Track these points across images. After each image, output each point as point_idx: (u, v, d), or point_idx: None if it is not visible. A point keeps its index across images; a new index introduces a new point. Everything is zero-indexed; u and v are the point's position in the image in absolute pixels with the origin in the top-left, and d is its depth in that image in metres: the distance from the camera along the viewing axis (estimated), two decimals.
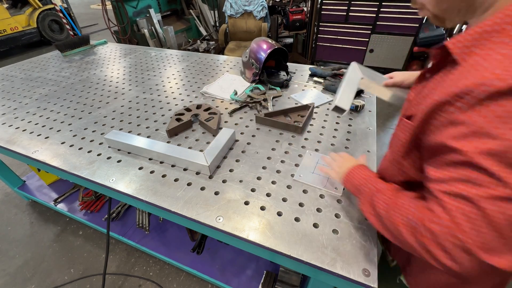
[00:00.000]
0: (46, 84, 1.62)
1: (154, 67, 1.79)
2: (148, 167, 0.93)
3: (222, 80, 1.54)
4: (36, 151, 1.05)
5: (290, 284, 1.20)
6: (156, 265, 1.58)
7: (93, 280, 1.51)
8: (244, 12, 3.26)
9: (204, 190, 0.83)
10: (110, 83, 1.58)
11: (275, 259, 0.75)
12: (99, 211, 1.72)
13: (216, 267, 1.38)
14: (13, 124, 1.23)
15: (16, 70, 1.85)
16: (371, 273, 0.60)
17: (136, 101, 1.37)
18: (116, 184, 0.87)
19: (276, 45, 1.39)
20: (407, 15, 3.06)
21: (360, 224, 0.71)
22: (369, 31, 3.34)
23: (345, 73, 0.88)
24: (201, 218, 0.74)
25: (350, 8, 3.28)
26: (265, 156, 0.96)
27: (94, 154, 1.01)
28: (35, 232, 1.81)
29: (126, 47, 2.19)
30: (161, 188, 0.85)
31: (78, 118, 1.24)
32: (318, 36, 3.68)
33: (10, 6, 5.28)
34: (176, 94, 1.42)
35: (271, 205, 0.78)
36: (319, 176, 0.86)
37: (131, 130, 1.14)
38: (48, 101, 1.41)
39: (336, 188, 0.82)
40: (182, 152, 0.91)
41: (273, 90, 1.41)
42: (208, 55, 1.96)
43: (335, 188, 0.82)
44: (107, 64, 1.86)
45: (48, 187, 1.91)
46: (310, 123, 1.14)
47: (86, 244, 1.71)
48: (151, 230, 1.56)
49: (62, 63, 1.93)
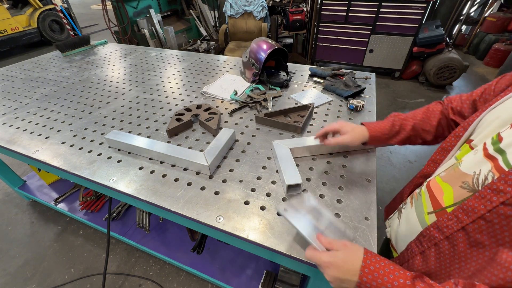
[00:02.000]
0: (47, 84, 1.62)
1: (154, 67, 1.79)
2: (148, 167, 0.93)
3: (222, 80, 1.54)
4: (37, 151, 1.05)
5: (290, 284, 1.20)
6: (156, 265, 1.58)
7: (93, 279, 1.52)
8: (244, 12, 3.27)
9: (204, 190, 0.84)
10: (111, 83, 1.58)
11: (275, 259, 0.75)
12: (99, 211, 1.72)
13: (216, 266, 1.38)
14: (14, 124, 1.23)
15: (17, 70, 1.85)
16: None
17: (136, 101, 1.37)
18: (117, 184, 0.87)
19: (276, 45, 1.39)
20: (406, 16, 3.07)
21: (360, 224, 0.71)
22: (368, 31, 3.34)
23: (275, 156, 0.90)
24: (201, 218, 0.75)
25: (350, 9, 3.29)
26: (265, 156, 0.97)
27: (94, 154, 1.01)
28: (35, 231, 1.81)
29: (126, 47, 2.19)
30: (161, 188, 0.85)
31: (78, 118, 1.25)
32: (318, 36, 3.69)
33: (10, 6, 5.29)
34: (176, 94, 1.43)
35: (271, 205, 0.78)
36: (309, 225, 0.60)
37: (132, 130, 1.14)
38: (49, 101, 1.41)
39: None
40: (182, 152, 0.92)
41: (273, 90, 1.42)
42: (208, 55, 1.97)
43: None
44: (108, 64, 1.87)
45: (48, 187, 1.92)
46: (310, 123, 1.15)
47: (86, 244, 1.71)
48: (151, 230, 1.56)
49: (62, 63, 1.93)
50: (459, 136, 0.58)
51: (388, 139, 0.77)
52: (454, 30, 4.37)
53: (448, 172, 0.53)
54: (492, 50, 3.93)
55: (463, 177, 0.47)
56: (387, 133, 0.76)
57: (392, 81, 3.68)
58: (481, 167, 0.44)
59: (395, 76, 3.66)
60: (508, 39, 3.87)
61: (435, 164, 0.66)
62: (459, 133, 0.58)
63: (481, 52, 4.22)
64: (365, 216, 0.73)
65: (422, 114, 0.75)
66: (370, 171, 0.88)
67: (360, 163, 0.91)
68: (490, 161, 0.43)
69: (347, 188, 0.82)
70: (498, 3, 4.40)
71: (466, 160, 0.49)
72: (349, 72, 1.48)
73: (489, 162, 0.43)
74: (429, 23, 3.22)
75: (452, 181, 0.50)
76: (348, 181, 0.85)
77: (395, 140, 0.76)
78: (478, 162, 0.45)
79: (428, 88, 3.47)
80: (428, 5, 2.94)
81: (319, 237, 0.55)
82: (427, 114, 0.74)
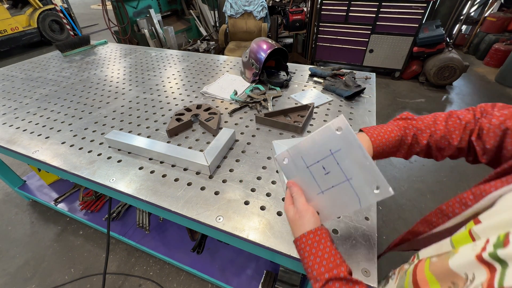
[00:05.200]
0: (47, 84, 1.62)
1: (154, 67, 1.79)
2: (148, 167, 0.93)
3: (222, 80, 1.54)
4: (37, 151, 1.05)
5: (290, 284, 1.20)
6: (156, 265, 1.58)
7: (93, 279, 1.52)
8: (244, 12, 3.27)
9: (204, 190, 0.84)
10: (111, 83, 1.58)
11: (275, 259, 0.75)
12: (99, 211, 1.72)
13: (216, 266, 1.38)
14: (14, 124, 1.23)
15: (17, 70, 1.85)
16: (371, 273, 0.60)
17: (136, 101, 1.37)
18: (117, 184, 0.87)
19: (276, 45, 1.39)
20: (407, 15, 3.07)
21: (360, 224, 0.71)
22: (368, 31, 3.34)
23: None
24: (201, 218, 0.74)
25: (350, 8, 3.29)
26: (265, 156, 0.97)
27: (94, 154, 1.01)
28: (35, 231, 1.81)
29: (126, 47, 2.19)
30: (161, 188, 0.85)
31: (78, 118, 1.25)
32: (318, 36, 3.69)
33: (10, 6, 5.30)
34: (176, 94, 1.43)
35: (271, 205, 0.78)
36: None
37: (131, 130, 1.14)
38: (49, 101, 1.41)
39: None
40: (182, 152, 0.92)
41: (273, 90, 1.42)
42: (208, 55, 1.97)
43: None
44: (108, 64, 1.87)
45: (48, 187, 1.92)
46: (310, 123, 1.15)
47: (86, 244, 1.71)
48: (151, 230, 1.56)
49: (62, 63, 1.93)
50: (467, 205, 0.44)
51: (394, 152, 0.60)
52: (454, 30, 4.37)
53: (440, 261, 0.40)
54: (492, 50, 3.93)
55: (453, 276, 0.37)
56: (396, 146, 0.58)
57: (392, 81, 3.68)
58: (475, 272, 0.33)
59: (395, 76, 3.66)
60: (508, 39, 3.87)
61: (429, 226, 0.54)
62: (466, 202, 0.45)
63: (481, 52, 4.22)
64: (365, 216, 0.73)
65: (444, 127, 0.55)
66: None
67: None
68: (487, 269, 0.32)
69: None
70: (498, 3, 4.40)
71: (461, 254, 0.37)
72: (349, 72, 1.48)
73: (485, 270, 0.32)
74: (429, 23, 3.22)
75: (440, 277, 0.40)
76: None
77: (402, 153, 0.60)
78: (473, 264, 0.34)
79: (428, 88, 3.47)
80: (428, 5, 2.94)
81: (290, 185, 0.53)
82: (449, 127, 0.55)
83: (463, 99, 3.24)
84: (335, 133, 0.46)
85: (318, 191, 0.48)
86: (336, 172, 0.46)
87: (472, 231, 0.38)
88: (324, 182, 0.47)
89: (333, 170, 0.46)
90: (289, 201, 0.53)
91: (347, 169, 0.45)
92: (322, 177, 0.47)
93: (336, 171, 0.46)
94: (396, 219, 1.82)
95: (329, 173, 0.47)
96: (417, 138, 0.57)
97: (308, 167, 0.48)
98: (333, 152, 0.46)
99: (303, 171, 0.48)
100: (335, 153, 0.46)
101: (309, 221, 0.49)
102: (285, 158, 0.48)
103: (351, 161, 0.45)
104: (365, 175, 0.45)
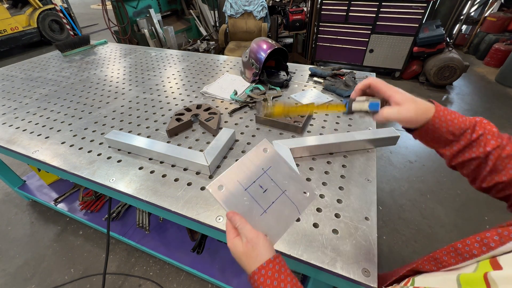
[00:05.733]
0: (46, 84, 1.62)
1: (154, 67, 1.79)
2: (148, 167, 0.93)
3: (222, 80, 1.54)
4: (36, 151, 1.05)
5: None
6: (156, 265, 1.58)
7: (93, 280, 1.52)
8: (244, 12, 3.27)
9: (204, 190, 0.83)
10: (110, 83, 1.58)
11: None
12: (99, 211, 1.72)
13: (216, 267, 1.38)
14: (13, 124, 1.23)
15: (17, 70, 1.85)
16: (371, 273, 0.60)
17: (136, 101, 1.37)
18: (116, 184, 0.87)
19: (276, 45, 1.39)
20: (407, 15, 3.07)
21: (360, 224, 0.71)
22: (369, 31, 3.34)
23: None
24: (201, 218, 0.74)
25: (350, 8, 3.29)
26: None
27: (94, 154, 1.01)
28: (35, 232, 1.81)
29: (126, 47, 2.19)
30: (161, 188, 0.85)
31: (78, 118, 1.25)
32: (318, 36, 3.69)
33: (10, 6, 5.29)
34: (176, 94, 1.43)
35: None
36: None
37: (131, 130, 1.14)
38: (48, 101, 1.41)
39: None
40: (182, 152, 0.91)
41: (273, 90, 1.42)
42: (208, 55, 1.96)
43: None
44: (107, 64, 1.86)
45: (48, 187, 1.92)
46: (310, 123, 1.15)
47: (86, 244, 1.71)
48: (151, 230, 1.56)
49: (62, 63, 1.93)
50: (489, 247, 0.38)
51: (446, 143, 0.50)
52: (454, 30, 4.37)
53: None
54: (492, 50, 3.92)
55: None
56: (454, 134, 0.48)
57: (392, 81, 3.68)
58: None
59: (395, 76, 3.66)
60: (509, 39, 3.87)
61: (437, 265, 0.45)
62: (489, 243, 0.38)
63: (481, 52, 4.22)
64: (365, 216, 0.73)
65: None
66: (370, 171, 0.88)
67: (360, 163, 0.91)
68: None
69: (347, 188, 0.82)
70: (498, 3, 4.40)
71: None
72: (349, 72, 1.47)
73: None
74: (429, 23, 3.22)
75: None
76: (348, 181, 0.85)
77: (452, 150, 0.50)
78: None
79: (428, 88, 3.47)
80: (428, 5, 2.94)
81: (231, 217, 0.47)
82: None
83: (463, 99, 3.24)
84: (263, 153, 0.52)
85: (261, 212, 0.48)
86: (272, 188, 0.50)
87: (489, 276, 0.32)
88: (264, 200, 0.49)
89: (269, 186, 0.49)
90: (233, 234, 0.47)
91: (281, 183, 0.50)
92: (262, 196, 0.49)
93: (272, 186, 0.50)
94: (396, 219, 1.82)
95: (267, 190, 0.49)
96: (483, 139, 0.47)
97: (246, 189, 0.49)
98: (266, 170, 0.51)
99: (242, 194, 0.48)
100: (268, 170, 0.51)
101: (264, 247, 0.44)
102: (219, 186, 0.48)
103: (282, 175, 0.51)
104: (295, 184, 0.51)
